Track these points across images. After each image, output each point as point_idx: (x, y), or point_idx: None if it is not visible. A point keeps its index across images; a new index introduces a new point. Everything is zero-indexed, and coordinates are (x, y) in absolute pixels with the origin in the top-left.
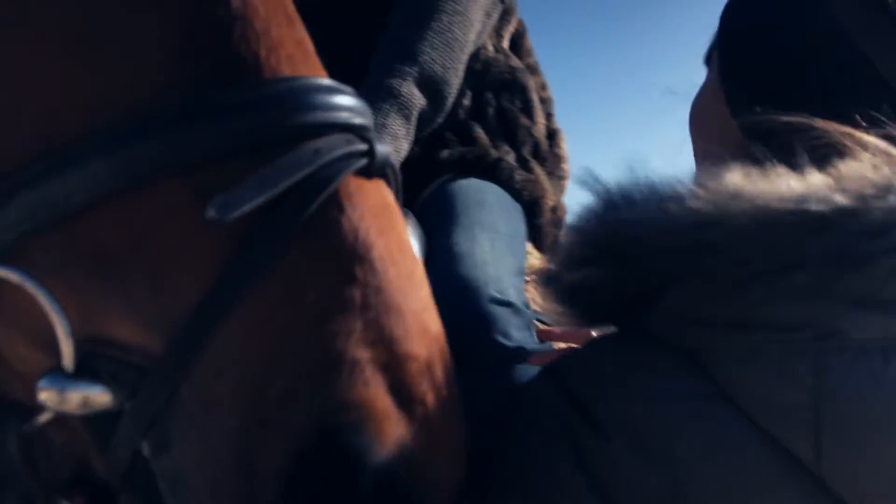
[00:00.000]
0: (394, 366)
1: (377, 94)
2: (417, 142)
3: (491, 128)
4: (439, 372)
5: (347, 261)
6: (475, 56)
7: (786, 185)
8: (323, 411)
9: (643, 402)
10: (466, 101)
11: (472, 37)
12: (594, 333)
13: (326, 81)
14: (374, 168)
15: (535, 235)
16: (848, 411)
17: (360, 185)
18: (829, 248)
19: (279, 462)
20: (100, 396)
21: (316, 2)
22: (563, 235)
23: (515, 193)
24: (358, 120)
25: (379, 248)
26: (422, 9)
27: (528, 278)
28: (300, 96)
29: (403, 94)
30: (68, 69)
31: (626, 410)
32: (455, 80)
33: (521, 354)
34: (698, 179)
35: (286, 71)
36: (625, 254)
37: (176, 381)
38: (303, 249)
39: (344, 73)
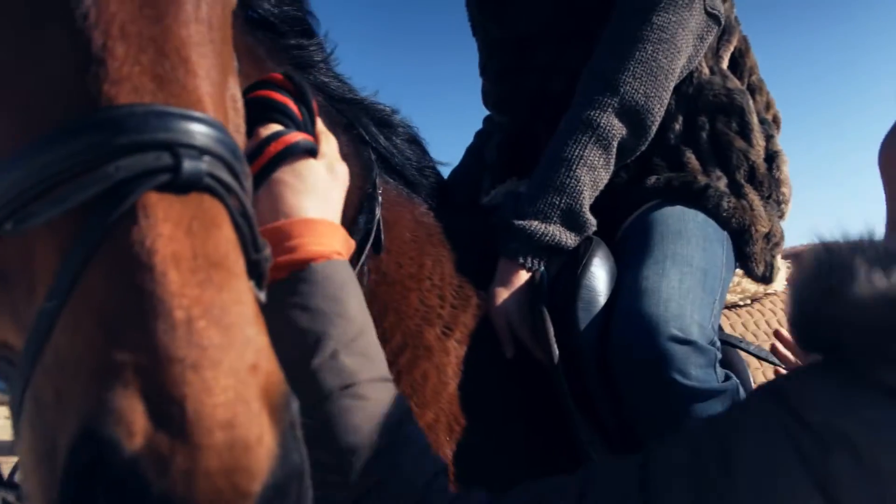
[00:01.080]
0: (153, 371)
1: (576, 126)
2: (625, 168)
3: (703, 152)
4: (206, 378)
5: (130, 268)
6: (688, 79)
7: None
8: (86, 413)
9: (865, 423)
10: (678, 126)
11: (679, 63)
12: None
13: (157, 107)
14: (179, 183)
15: (746, 262)
16: None
17: (162, 199)
18: None
19: (62, 460)
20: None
21: (532, 37)
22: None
23: (723, 221)
24: (177, 138)
25: (164, 256)
26: (625, 39)
27: (742, 303)
28: (120, 121)
29: (602, 124)
30: None
31: (848, 428)
32: (659, 108)
33: (696, 393)
34: None
35: (124, 101)
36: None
37: (25, 380)
38: (101, 259)
39: (556, 108)
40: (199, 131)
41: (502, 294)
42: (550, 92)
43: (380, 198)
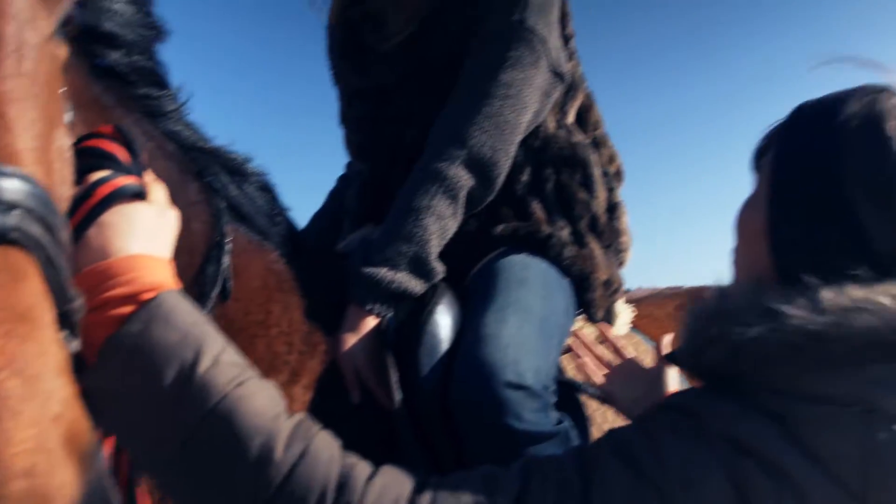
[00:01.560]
0: None
1: (425, 176)
2: (475, 217)
3: (548, 202)
4: (6, 429)
5: None
6: (535, 133)
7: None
8: None
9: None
10: (525, 177)
11: (525, 118)
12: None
13: None
14: None
15: (587, 308)
16: (887, 462)
17: None
18: None
19: None
20: None
21: (389, 88)
22: (685, 323)
23: (564, 269)
24: None
25: None
26: (474, 94)
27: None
28: None
29: (450, 175)
30: None
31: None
32: (505, 160)
33: (530, 436)
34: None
35: None
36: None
37: None
38: None
39: (410, 157)
40: (7, 186)
41: (350, 339)
42: (406, 141)
43: (228, 246)
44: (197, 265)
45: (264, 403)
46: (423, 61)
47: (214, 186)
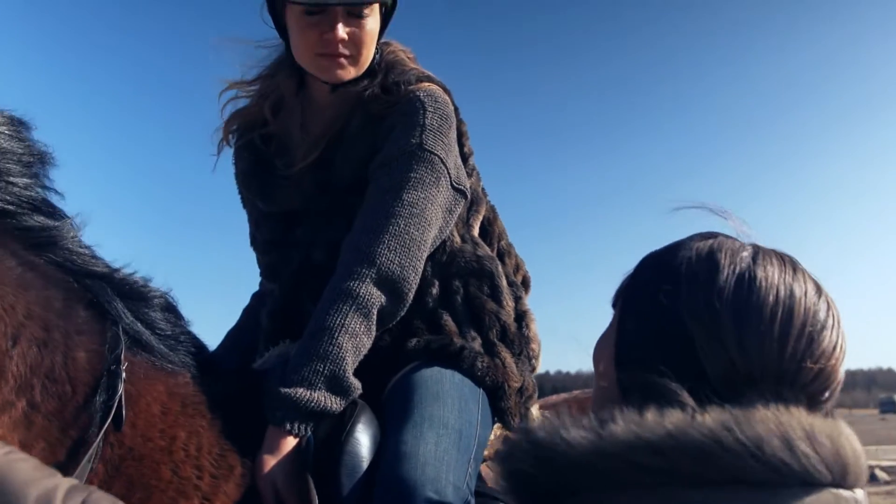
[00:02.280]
0: None
1: (337, 296)
2: (388, 331)
3: (458, 315)
4: None
5: None
6: (441, 248)
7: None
8: None
9: None
10: (434, 290)
11: (430, 234)
12: None
13: None
14: None
15: (502, 416)
16: None
17: None
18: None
19: None
20: None
21: (295, 212)
22: (503, 446)
23: (478, 380)
24: None
25: None
26: (380, 214)
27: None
28: None
29: (361, 294)
30: None
31: None
32: (413, 276)
33: None
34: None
35: None
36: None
37: None
38: None
39: (319, 278)
40: None
41: (269, 461)
42: (313, 263)
43: (123, 374)
44: (82, 395)
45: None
46: (327, 185)
47: (108, 313)
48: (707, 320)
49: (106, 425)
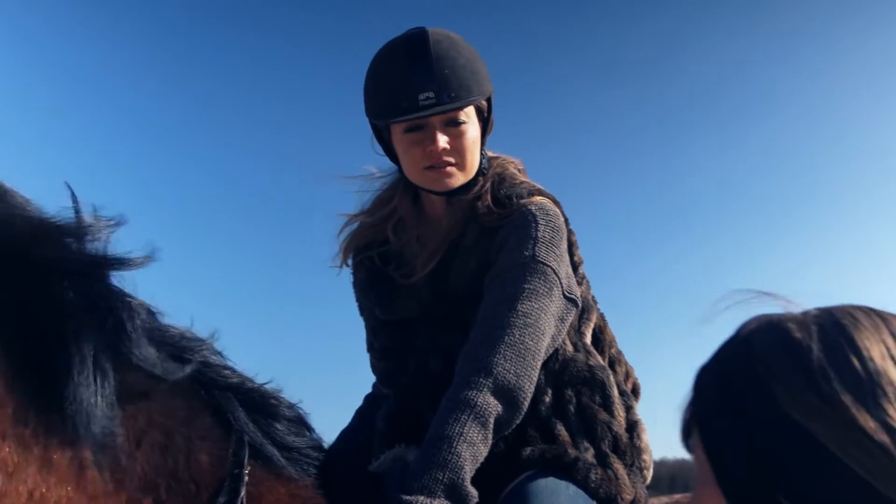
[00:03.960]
0: None
1: (455, 405)
2: (503, 439)
3: (571, 424)
4: None
5: None
6: (554, 356)
7: None
8: None
9: None
10: (548, 399)
11: (544, 344)
12: None
13: None
14: None
15: None
16: None
17: None
18: None
19: None
20: None
21: (412, 321)
22: None
23: (591, 492)
24: None
25: None
26: (495, 325)
27: None
28: None
29: (479, 403)
30: None
31: None
32: (529, 385)
33: None
34: None
35: None
36: None
37: None
38: None
39: (435, 385)
40: None
41: None
42: (430, 371)
43: (246, 477)
44: (206, 494)
45: None
46: (444, 295)
47: (232, 423)
48: (813, 403)
49: None
